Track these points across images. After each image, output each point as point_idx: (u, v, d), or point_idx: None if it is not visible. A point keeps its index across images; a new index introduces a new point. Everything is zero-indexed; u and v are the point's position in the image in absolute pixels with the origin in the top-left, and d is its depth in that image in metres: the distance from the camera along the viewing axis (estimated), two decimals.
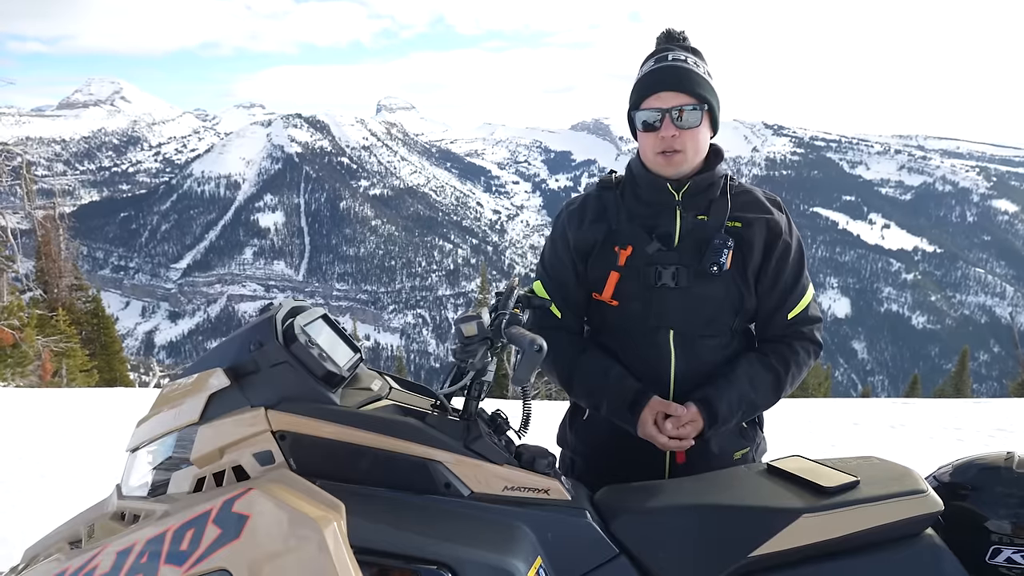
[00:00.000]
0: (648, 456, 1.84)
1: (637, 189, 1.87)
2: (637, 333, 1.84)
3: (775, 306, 1.85)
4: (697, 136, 1.77)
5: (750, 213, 1.82)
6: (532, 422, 1.60)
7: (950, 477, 1.64)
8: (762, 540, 1.45)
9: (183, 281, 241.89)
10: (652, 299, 1.80)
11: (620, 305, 1.84)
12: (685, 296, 1.79)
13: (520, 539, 1.38)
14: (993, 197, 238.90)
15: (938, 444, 6.83)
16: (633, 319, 1.84)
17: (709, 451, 1.84)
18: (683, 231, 1.80)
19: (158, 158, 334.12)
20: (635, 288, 1.81)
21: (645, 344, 1.84)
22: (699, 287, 1.78)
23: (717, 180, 1.84)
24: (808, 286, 1.88)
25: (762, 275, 1.83)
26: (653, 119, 1.76)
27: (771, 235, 1.81)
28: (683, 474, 1.83)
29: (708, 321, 1.81)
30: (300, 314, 1.53)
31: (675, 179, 1.82)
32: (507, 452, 1.50)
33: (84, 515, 1.57)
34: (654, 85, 1.76)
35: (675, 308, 1.79)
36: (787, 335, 1.87)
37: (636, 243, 1.81)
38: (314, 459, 1.37)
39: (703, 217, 1.81)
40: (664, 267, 1.78)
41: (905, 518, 1.48)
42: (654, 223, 1.82)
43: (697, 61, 1.80)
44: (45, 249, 21.45)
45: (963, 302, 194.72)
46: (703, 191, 1.83)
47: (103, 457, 5.24)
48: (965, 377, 31.13)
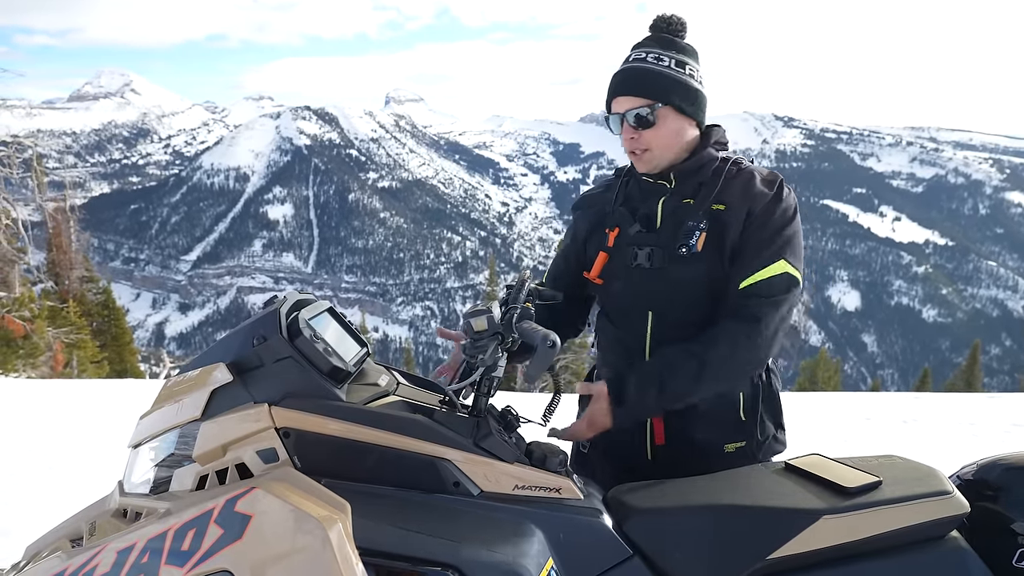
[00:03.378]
0: (628, 435, 1.86)
1: (637, 175, 1.91)
2: (618, 312, 1.90)
3: (732, 275, 1.74)
4: (660, 134, 1.76)
5: (737, 194, 1.76)
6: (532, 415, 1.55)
7: (974, 476, 1.60)
8: (781, 542, 1.40)
9: (193, 273, 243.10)
10: (630, 279, 1.83)
11: (604, 284, 1.89)
12: (660, 277, 1.79)
13: (531, 539, 1.35)
14: (1006, 189, 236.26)
15: (953, 440, 6.74)
16: (615, 299, 1.89)
17: (690, 437, 1.82)
18: (664, 213, 1.81)
19: (168, 150, 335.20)
20: (617, 268, 1.85)
21: (624, 324, 1.88)
22: (674, 269, 1.77)
23: (708, 163, 1.81)
24: (777, 261, 1.71)
25: (734, 251, 1.76)
26: (614, 124, 1.81)
27: (750, 213, 1.74)
28: (664, 457, 1.83)
29: (685, 304, 1.79)
30: (305, 307, 1.51)
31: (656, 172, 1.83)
32: (517, 450, 1.47)
33: (86, 512, 1.55)
34: (612, 90, 1.81)
35: (651, 289, 1.80)
36: (734, 309, 1.72)
37: (622, 225, 1.86)
38: (319, 457, 1.35)
39: (688, 200, 1.80)
40: (640, 248, 1.80)
41: (930, 520, 1.44)
42: (639, 206, 1.86)
43: (661, 55, 1.77)
44: (56, 241, 21.57)
45: (974, 295, 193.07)
46: (693, 175, 1.81)
47: (111, 450, 5.23)
48: (976, 371, 30.87)
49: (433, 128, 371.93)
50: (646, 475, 1.68)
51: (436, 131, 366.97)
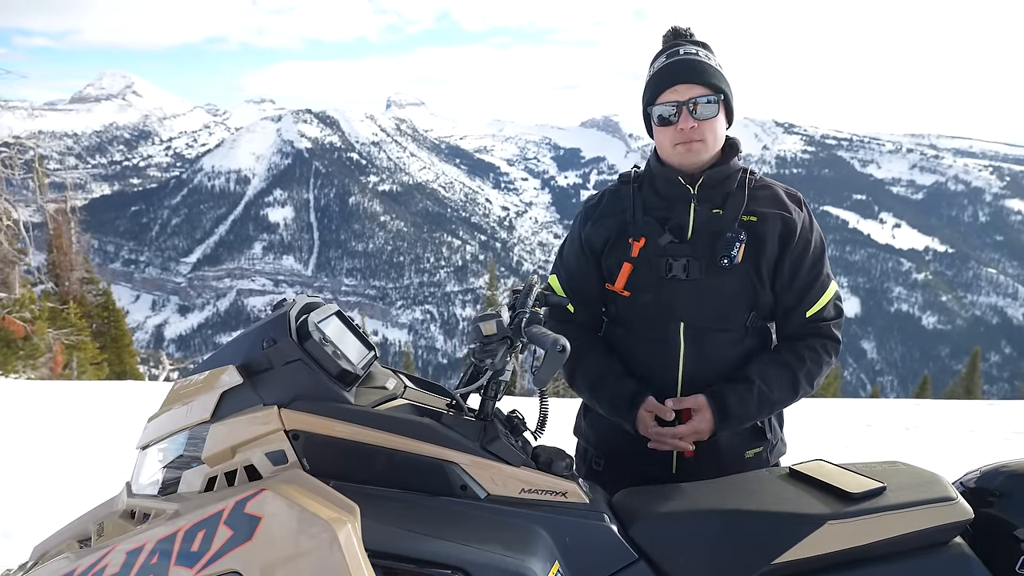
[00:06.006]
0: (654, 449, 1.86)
1: (654, 183, 1.88)
2: (647, 324, 1.85)
3: (793, 304, 1.84)
4: (715, 126, 1.78)
5: (766, 208, 1.81)
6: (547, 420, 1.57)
7: (977, 483, 1.60)
8: (786, 547, 1.41)
9: (193, 275, 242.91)
10: (663, 291, 1.80)
11: (632, 296, 1.85)
12: (696, 289, 1.78)
13: (537, 543, 1.35)
14: (1006, 197, 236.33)
15: (954, 447, 6.74)
16: (644, 310, 1.84)
17: (718, 447, 1.82)
18: (696, 224, 1.80)
19: (169, 152, 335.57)
20: (647, 279, 1.82)
21: (655, 336, 1.84)
22: (710, 280, 1.77)
23: (733, 173, 1.84)
24: (829, 283, 1.87)
25: (778, 271, 1.82)
26: (669, 113, 1.76)
27: (786, 230, 1.79)
28: (691, 468, 1.82)
29: (719, 315, 1.80)
30: (314, 311, 1.51)
31: (690, 172, 1.82)
32: (524, 453, 1.47)
33: (93, 512, 1.55)
34: (669, 79, 1.77)
35: (686, 300, 1.79)
36: (805, 333, 1.85)
37: (649, 235, 1.82)
38: (328, 459, 1.35)
39: (718, 211, 1.80)
40: (676, 259, 1.78)
41: (934, 526, 1.44)
42: (667, 216, 1.83)
43: (708, 54, 1.81)
44: (57, 242, 21.58)
45: (974, 302, 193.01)
46: (719, 184, 1.83)
47: (113, 451, 5.22)
48: (976, 378, 30.89)
49: (434, 132, 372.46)
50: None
51: (437, 135, 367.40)
